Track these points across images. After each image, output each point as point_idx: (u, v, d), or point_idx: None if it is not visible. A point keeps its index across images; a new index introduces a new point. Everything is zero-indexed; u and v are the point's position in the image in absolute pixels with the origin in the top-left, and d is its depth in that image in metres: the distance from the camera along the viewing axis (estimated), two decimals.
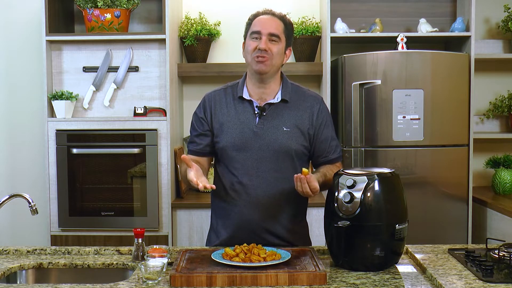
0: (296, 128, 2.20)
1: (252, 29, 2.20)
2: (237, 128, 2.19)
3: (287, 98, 2.22)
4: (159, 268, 1.81)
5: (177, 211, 3.50)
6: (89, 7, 3.52)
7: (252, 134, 2.18)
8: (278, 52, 2.18)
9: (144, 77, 3.60)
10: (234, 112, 2.22)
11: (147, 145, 3.47)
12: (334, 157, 2.28)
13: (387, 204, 1.92)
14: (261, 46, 2.14)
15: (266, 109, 2.20)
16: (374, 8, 3.90)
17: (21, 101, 3.97)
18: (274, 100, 2.22)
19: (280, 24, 2.20)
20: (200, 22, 3.80)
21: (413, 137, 3.45)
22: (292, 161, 2.21)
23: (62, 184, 3.49)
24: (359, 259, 1.93)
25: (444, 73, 3.48)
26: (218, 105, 2.25)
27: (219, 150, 2.24)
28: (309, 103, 2.25)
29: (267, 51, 2.15)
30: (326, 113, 2.28)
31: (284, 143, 2.18)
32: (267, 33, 2.16)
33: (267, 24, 2.18)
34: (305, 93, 2.28)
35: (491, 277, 1.80)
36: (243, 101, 2.23)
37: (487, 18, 4.02)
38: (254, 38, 2.18)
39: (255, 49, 2.16)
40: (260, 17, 2.22)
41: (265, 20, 2.20)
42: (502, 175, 3.68)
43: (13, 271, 2.04)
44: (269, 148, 2.17)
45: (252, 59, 2.17)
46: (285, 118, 2.20)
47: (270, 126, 2.19)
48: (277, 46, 2.17)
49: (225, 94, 2.26)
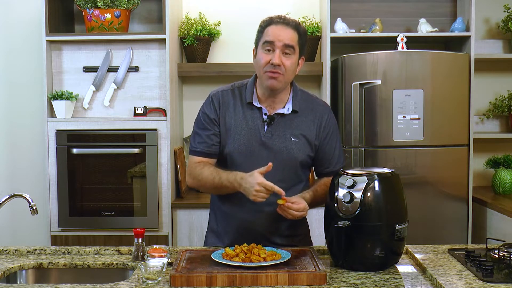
0: (303, 138, 2.17)
1: (265, 38, 2.09)
2: (245, 135, 2.15)
3: (297, 109, 2.17)
4: (159, 268, 1.81)
5: (177, 211, 3.50)
6: (89, 7, 3.52)
7: (260, 143, 2.14)
8: (291, 66, 2.09)
9: (144, 77, 3.60)
10: (242, 117, 2.16)
11: (147, 145, 3.47)
12: (337, 168, 2.20)
13: (387, 204, 1.92)
14: (275, 61, 2.05)
15: (275, 119, 2.16)
16: (374, 8, 3.90)
17: (21, 101, 3.97)
18: (284, 110, 2.17)
19: (294, 34, 2.09)
20: (200, 22, 3.80)
21: (413, 137, 3.45)
22: (297, 170, 2.19)
23: (62, 184, 3.49)
24: (359, 259, 1.93)
25: (444, 73, 3.48)
26: (226, 107, 2.18)
27: (224, 155, 2.19)
28: (318, 113, 2.21)
29: (280, 66, 2.06)
30: (333, 123, 2.24)
31: (292, 153, 2.15)
32: (281, 45, 2.06)
33: (281, 35, 2.07)
34: (313, 102, 2.23)
35: (491, 277, 1.80)
36: (252, 107, 2.17)
37: (487, 18, 4.02)
38: (267, 50, 2.08)
39: (267, 63, 2.07)
40: (273, 26, 2.09)
41: (279, 30, 2.08)
42: (502, 175, 3.68)
43: (13, 271, 2.04)
44: (276, 157, 2.12)
45: (264, 74, 2.10)
46: (293, 128, 2.16)
47: (278, 136, 2.15)
48: (290, 60, 2.08)
49: (233, 96, 2.20)
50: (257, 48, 2.14)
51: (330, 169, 2.23)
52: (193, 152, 2.21)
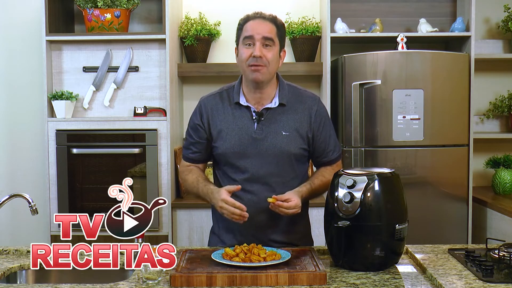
0: (295, 131, 2.18)
1: (244, 34, 2.15)
2: (236, 135, 2.17)
3: (284, 102, 2.19)
4: (159, 268, 1.81)
5: (177, 211, 3.50)
6: (89, 7, 3.52)
7: (251, 140, 2.16)
8: (273, 58, 2.13)
9: (144, 77, 3.60)
10: (232, 118, 2.19)
11: (147, 145, 3.47)
12: (334, 157, 2.27)
13: (387, 204, 1.92)
14: (256, 53, 2.09)
15: (263, 114, 2.18)
16: (374, 8, 3.90)
17: (21, 101, 3.97)
18: (271, 104, 2.19)
19: (272, 27, 2.14)
20: (200, 22, 3.80)
21: (413, 137, 3.45)
22: (292, 164, 2.21)
23: (62, 184, 3.49)
24: (359, 259, 1.93)
25: (444, 73, 3.48)
26: (215, 111, 2.21)
27: (218, 156, 2.22)
28: (307, 104, 2.22)
29: (262, 58, 2.10)
30: (324, 113, 2.26)
31: (284, 147, 2.16)
32: (260, 38, 2.11)
33: (259, 29, 2.12)
34: (302, 94, 2.25)
35: (491, 277, 1.80)
36: (240, 107, 2.20)
37: (487, 18, 4.02)
38: (247, 45, 2.13)
39: (249, 57, 2.11)
40: (251, 22, 2.16)
41: (257, 24, 2.14)
42: (502, 175, 3.68)
43: (13, 271, 2.04)
44: (269, 153, 2.15)
45: (247, 68, 2.13)
46: (283, 122, 2.18)
47: (269, 131, 2.17)
48: (271, 52, 2.12)
49: (221, 99, 2.23)
50: (238, 45, 2.20)
51: (328, 159, 2.27)
52: (182, 156, 2.34)
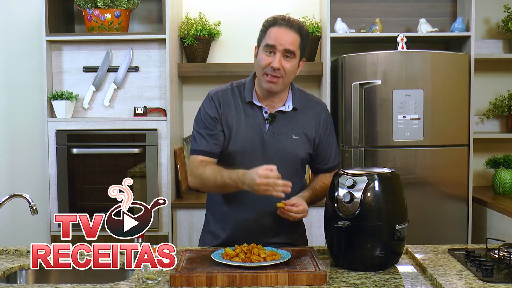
0: (304, 136, 2.19)
1: (267, 41, 2.08)
2: (247, 134, 2.15)
3: (297, 106, 2.19)
4: (159, 268, 1.81)
5: (177, 211, 3.50)
6: (89, 7, 3.52)
7: (262, 141, 2.15)
8: (291, 69, 2.09)
9: (144, 77, 3.60)
10: (244, 116, 2.16)
11: (147, 145, 3.47)
12: (334, 164, 2.28)
13: (387, 204, 1.92)
14: (275, 65, 2.05)
15: (276, 116, 2.17)
16: (374, 8, 3.90)
17: (21, 101, 3.97)
18: (284, 108, 2.18)
19: (296, 38, 2.08)
20: (200, 22, 3.80)
21: (413, 137, 3.45)
22: (297, 168, 2.22)
23: (62, 184, 3.49)
24: (359, 259, 1.93)
25: (444, 73, 3.48)
26: (227, 107, 2.17)
27: (227, 154, 2.18)
28: (317, 110, 2.23)
29: (280, 70, 2.06)
30: (330, 121, 2.28)
31: (294, 151, 2.17)
32: (282, 49, 2.06)
33: (283, 39, 2.05)
34: (311, 100, 2.25)
35: (491, 277, 1.80)
36: (253, 106, 2.17)
37: (487, 18, 4.02)
38: (268, 52, 2.07)
39: (267, 65, 2.07)
40: (276, 29, 2.07)
41: (281, 33, 2.06)
42: (502, 175, 3.68)
43: (13, 271, 2.04)
44: (277, 155, 2.14)
45: (263, 76, 2.10)
46: (294, 126, 2.18)
47: (280, 133, 2.16)
48: (290, 63, 2.08)
49: (233, 95, 2.19)
50: (259, 47, 2.14)
51: (328, 166, 2.28)
52: (194, 151, 2.19)
